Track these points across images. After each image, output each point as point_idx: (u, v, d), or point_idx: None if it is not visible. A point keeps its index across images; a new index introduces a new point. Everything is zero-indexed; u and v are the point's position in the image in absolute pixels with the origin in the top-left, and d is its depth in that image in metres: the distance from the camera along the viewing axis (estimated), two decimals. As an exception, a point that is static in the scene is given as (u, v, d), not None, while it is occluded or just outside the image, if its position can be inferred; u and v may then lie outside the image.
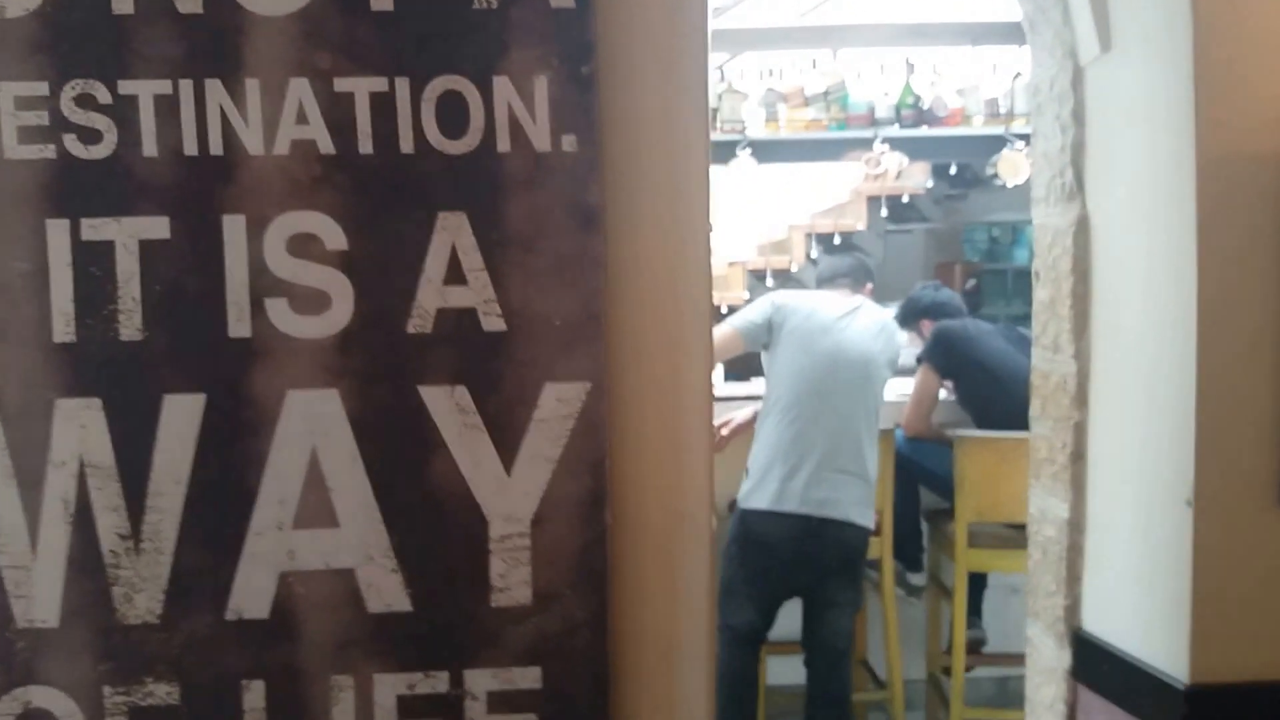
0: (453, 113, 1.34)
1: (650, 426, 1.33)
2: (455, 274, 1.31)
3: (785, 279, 6.58)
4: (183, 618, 1.34)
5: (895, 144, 5.60)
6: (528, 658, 1.31)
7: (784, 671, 4.11)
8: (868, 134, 5.59)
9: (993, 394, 3.78)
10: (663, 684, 1.33)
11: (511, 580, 1.31)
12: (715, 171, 5.38)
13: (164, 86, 1.35)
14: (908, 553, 4.27)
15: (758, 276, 7.10)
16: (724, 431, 4.00)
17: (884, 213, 6.85)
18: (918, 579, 4.32)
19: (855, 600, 3.84)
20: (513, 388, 1.31)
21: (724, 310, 6.34)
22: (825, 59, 5.75)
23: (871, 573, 4.07)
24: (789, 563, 3.72)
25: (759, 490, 3.71)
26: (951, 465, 3.86)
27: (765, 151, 5.73)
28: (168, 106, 1.35)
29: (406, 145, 1.33)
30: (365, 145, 1.34)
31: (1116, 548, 2.39)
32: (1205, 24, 2.06)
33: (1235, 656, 2.12)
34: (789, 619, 3.89)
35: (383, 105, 1.34)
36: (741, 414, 4.02)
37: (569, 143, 1.31)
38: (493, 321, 1.32)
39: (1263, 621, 2.11)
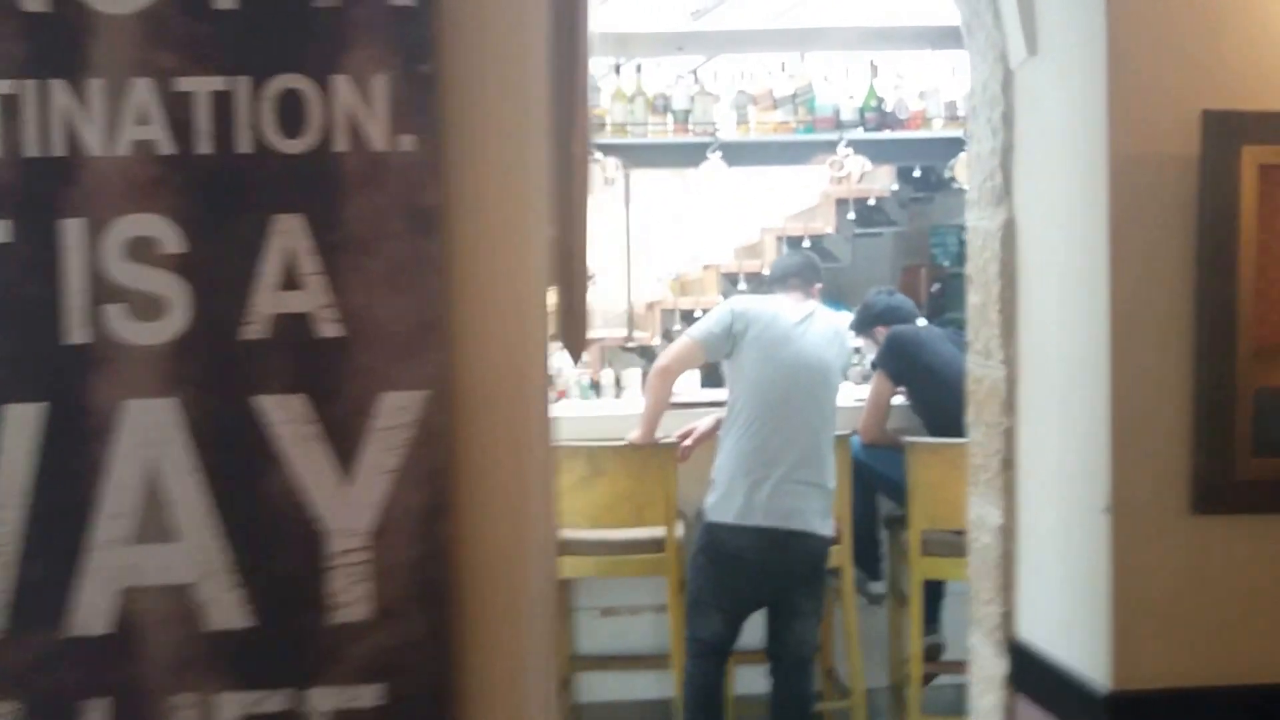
0: (292, 112, 1.31)
1: (492, 435, 1.30)
2: (292, 278, 1.28)
3: (759, 283, 6.54)
4: (22, 635, 1.30)
5: (861, 147, 5.56)
6: (370, 674, 1.27)
7: (750, 680, 4.08)
8: (834, 137, 5.55)
9: (942, 400, 3.74)
10: (510, 699, 1.29)
11: (352, 595, 1.28)
12: (686, 174, 5.31)
13: (7, 86, 1.32)
14: (867, 560, 4.23)
15: (730, 280, 7.06)
16: (687, 442, 3.96)
17: (851, 216, 6.81)
18: (878, 587, 4.27)
19: (819, 609, 3.81)
20: (351, 396, 1.28)
21: (697, 314, 6.31)
22: (794, 62, 5.72)
23: (833, 580, 4.03)
24: (756, 575, 3.69)
25: (725, 503, 3.67)
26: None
27: (735, 154, 5.69)
28: (11, 107, 1.32)
29: (245, 145, 1.29)
30: (204, 145, 1.31)
31: (1045, 555, 2.36)
32: (1119, 28, 2.04)
33: (1155, 663, 2.09)
34: (753, 628, 3.86)
35: (222, 105, 1.30)
36: (704, 423, 3.98)
37: (407, 143, 1.28)
38: (330, 327, 1.29)
39: (1182, 628, 2.08)
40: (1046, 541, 2.35)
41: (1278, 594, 2.08)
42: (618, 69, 5.67)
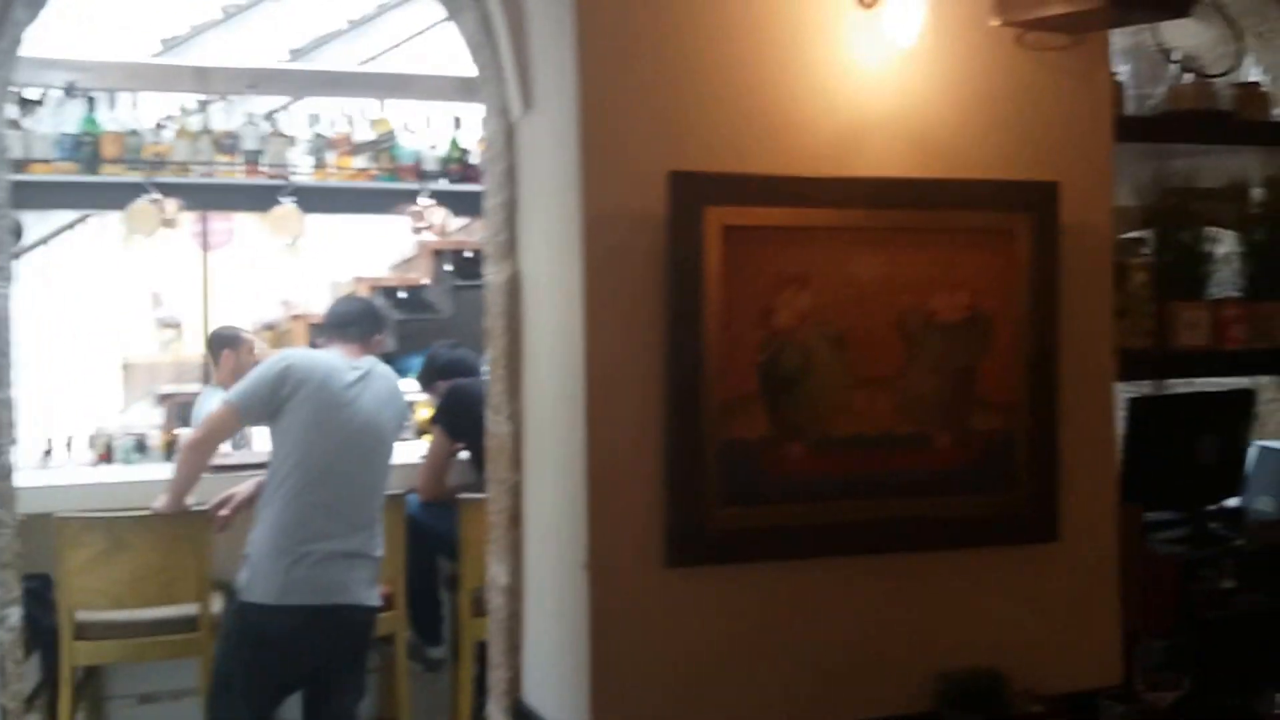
0: None
1: None
2: None
3: (319, 331, 6.30)
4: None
5: (445, 198, 5.51)
6: None
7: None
8: (416, 186, 5.46)
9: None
10: None
11: None
12: (255, 218, 4.97)
13: None
14: (425, 625, 4.08)
15: (321, 330, 6.76)
16: (224, 510, 3.63)
17: (449, 267, 6.75)
18: (437, 652, 4.12)
19: (360, 684, 3.60)
20: None
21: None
22: (375, 108, 5.59)
23: (385, 649, 3.84)
24: (295, 656, 3.41)
25: (262, 580, 3.36)
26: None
27: (313, 199, 5.46)
28: None
29: None
30: None
31: (545, 615, 2.32)
32: (591, 87, 2.06)
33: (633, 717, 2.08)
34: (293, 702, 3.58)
35: None
36: (243, 489, 3.66)
37: None
38: None
39: (658, 680, 2.09)
40: (546, 601, 2.31)
41: (748, 640, 2.14)
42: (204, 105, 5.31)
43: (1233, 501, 3.01)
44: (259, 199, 5.40)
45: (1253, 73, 2.90)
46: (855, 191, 2.18)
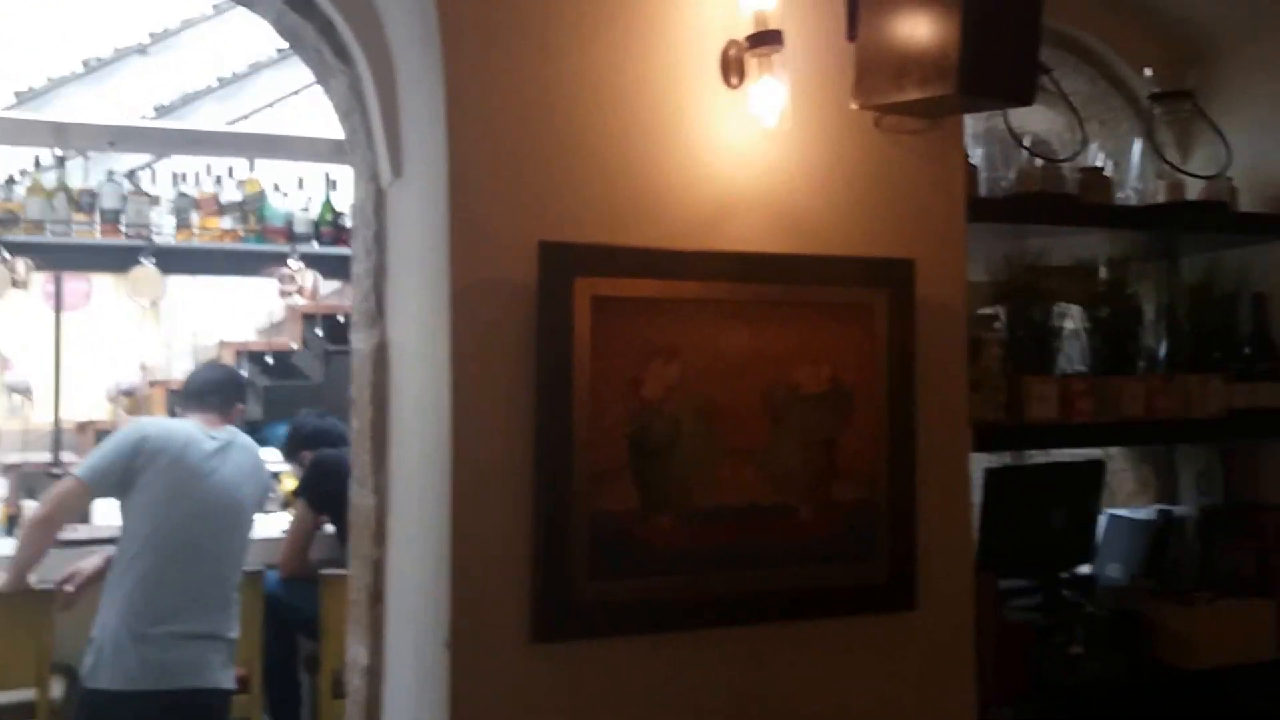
0: None
1: None
2: None
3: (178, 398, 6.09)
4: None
5: (315, 261, 5.41)
6: None
7: None
8: (285, 249, 5.36)
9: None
10: None
11: None
12: (113, 279, 4.80)
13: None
14: (282, 709, 3.92)
15: (180, 399, 6.53)
16: (69, 586, 3.44)
17: (319, 331, 6.62)
18: (294, 736, 3.98)
19: (212, 771, 3.44)
20: None
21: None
22: (245, 168, 5.48)
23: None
24: None
25: (109, 665, 3.19)
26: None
27: (175, 260, 5.31)
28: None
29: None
30: None
31: (404, 696, 2.25)
32: (461, 154, 2.06)
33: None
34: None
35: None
36: (89, 564, 3.49)
37: None
38: None
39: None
40: (407, 682, 2.24)
41: (617, 715, 2.11)
42: (37, 161, 5.12)
43: (1085, 568, 3.12)
44: (117, 259, 5.23)
45: (1097, 158, 3.06)
46: (722, 265, 2.22)
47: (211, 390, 3.68)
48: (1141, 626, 2.74)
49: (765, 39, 2.15)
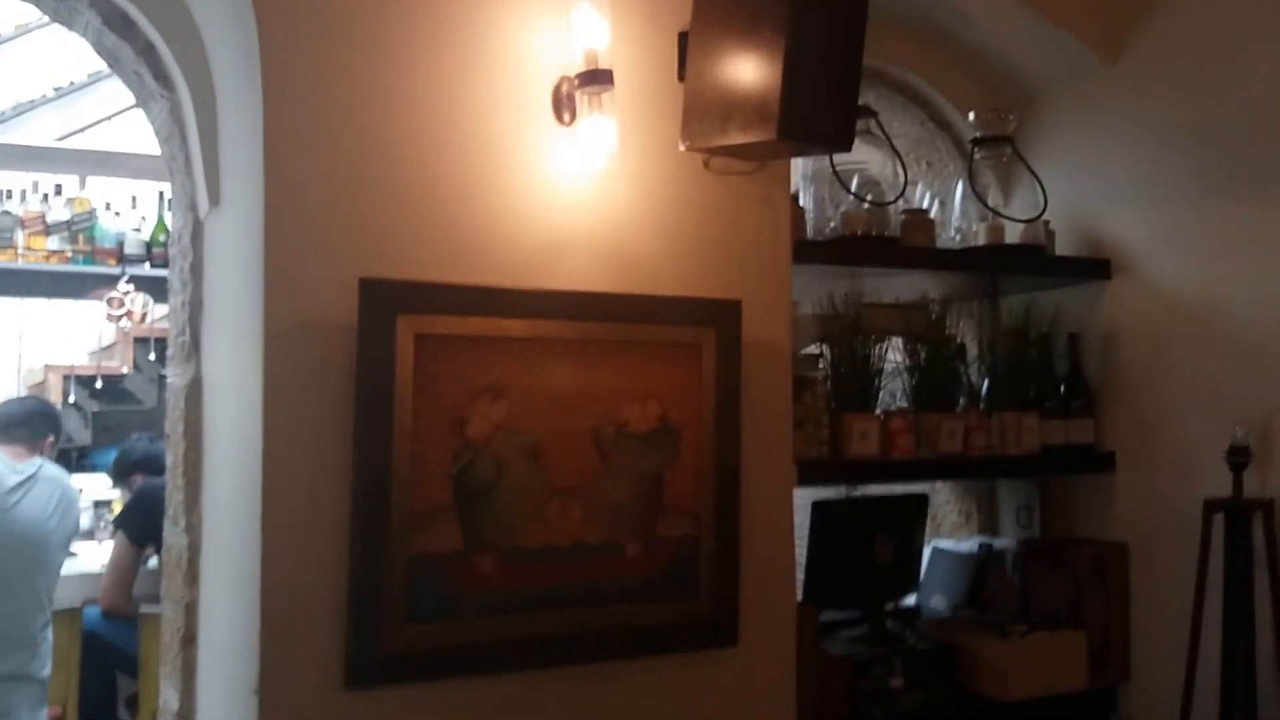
0: None
1: None
2: None
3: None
4: None
5: (147, 284, 5.20)
6: None
7: None
8: (116, 271, 5.13)
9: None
10: None
11: None
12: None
13: None
14: (96, 750, 3.74)
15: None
16: None
17: (152, 356, 6.36)
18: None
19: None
20: None
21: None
22: (74, 184, 5.25)
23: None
24: None
25: None
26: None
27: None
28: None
29: None
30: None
31: (214, 742, 2.16)
32: (278, 186, 2.00)
33: None
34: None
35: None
36: None
37: None
38: None
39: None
40: (217, 727, 2.16)
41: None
42: None
43: (910, 600, 3.21)
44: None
45: (924, 199, 3.17)
46: (551, 304, 2.21)
47: (18, 423, 3.51)
48: (959, 658, 2.83)
49: (596, 78, 2.16)
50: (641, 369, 2.31)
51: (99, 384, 6.14)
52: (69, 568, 3.61)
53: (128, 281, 5.11)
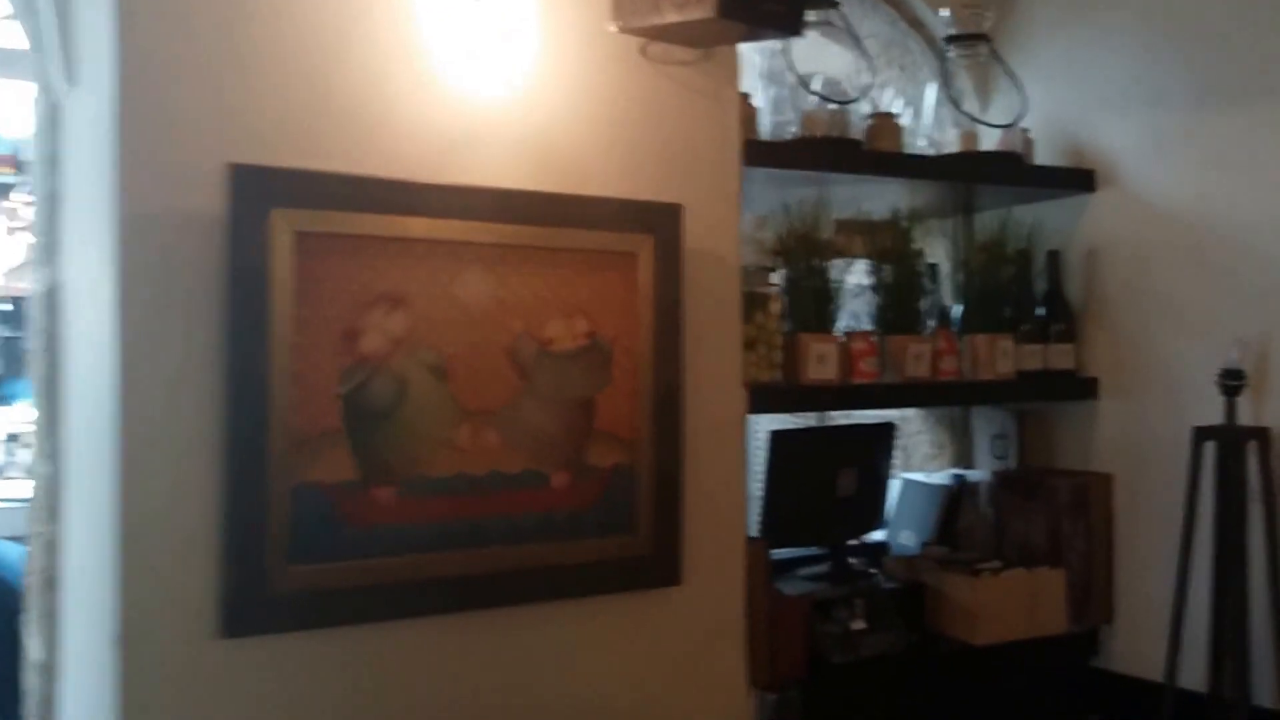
0: None
1: None
2: None
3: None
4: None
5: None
6: None
7: None
8: (14, 179, 4.79)
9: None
10: None
11: None
12: None
13: None
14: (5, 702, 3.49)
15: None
16: None
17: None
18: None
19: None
20: None
21: None
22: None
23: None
24: None
25: None
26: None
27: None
28: None
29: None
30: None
31: (79, 700, 1.91)
32: (134, 58, 1.73)
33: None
34: None
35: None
36: None
37: None
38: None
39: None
40: (78, 680, 1.91)
41: (327, 717, 1.83)
42: None
43: (878, 535, 2.99)
44: None
45: (893, 103, 2.90)
46: (459, 201, 1.94)
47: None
48: (927, 599, 2.61)
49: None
50: (567, 279, 2.05)
51: (9, 307, 5.79)
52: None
53: (29, 191, 4.76)
